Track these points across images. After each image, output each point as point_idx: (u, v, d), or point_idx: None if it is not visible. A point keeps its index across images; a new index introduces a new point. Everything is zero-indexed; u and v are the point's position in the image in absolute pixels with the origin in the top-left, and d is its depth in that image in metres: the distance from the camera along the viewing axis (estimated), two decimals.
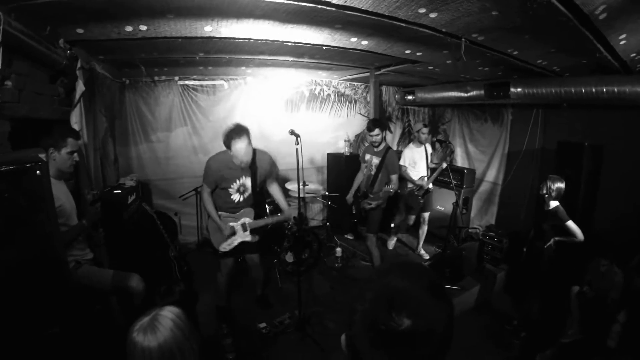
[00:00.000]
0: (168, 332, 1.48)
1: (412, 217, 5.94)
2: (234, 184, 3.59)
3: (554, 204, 3.80)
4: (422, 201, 5.52)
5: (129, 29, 3.01)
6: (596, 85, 4.13)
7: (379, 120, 4.90)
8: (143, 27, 2.99)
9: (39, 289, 1.70)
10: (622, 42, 2.99)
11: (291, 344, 3.75)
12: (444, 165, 5.30)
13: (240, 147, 3.27)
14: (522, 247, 4.28)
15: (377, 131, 4.56)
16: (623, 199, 4.66)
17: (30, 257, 1.67)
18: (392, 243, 6.29)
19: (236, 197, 3.67)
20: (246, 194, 3.70)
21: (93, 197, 3.27)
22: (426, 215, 5.84)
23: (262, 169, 3.70)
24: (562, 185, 3.79)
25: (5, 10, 2.13)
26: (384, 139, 4.71)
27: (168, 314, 1.55)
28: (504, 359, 3.65)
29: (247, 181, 3.63)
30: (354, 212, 5.00)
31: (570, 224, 3.69)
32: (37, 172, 1.65)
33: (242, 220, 3.71)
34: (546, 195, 3.81)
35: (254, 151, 3.48)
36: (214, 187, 3.63)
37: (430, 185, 5.60)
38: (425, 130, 5.52)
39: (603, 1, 2.18)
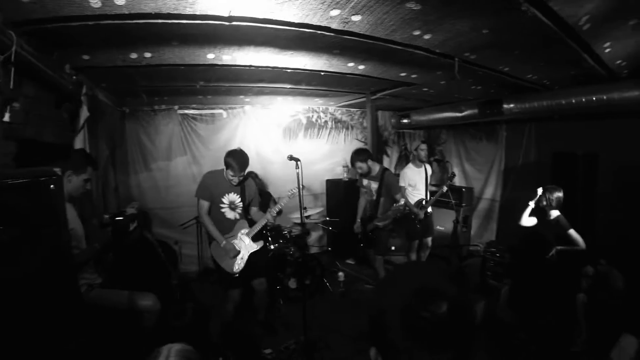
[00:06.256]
0: None
1: (416, 242, 5.60)
2: (224, 198, 3.71)
3: (555, 213, 3.84)
4: (419, 226, 5.27)
5: (134, 55, 3.10)
6: (586, 95, 4.26)
7: (360, 151, 4.77)
8: (148, 54, 3.09)
9: (53, 302, 1.68)
10: (607, 50, 3.12)
11: None
12: (444, 188, 5.20)
13: (236, 168, 3.52)
14: (523, 260, 4.28)
15: (358, 164, 4.58)
16: (622, 206, 4.68)
17: (43, 271, 1.65)
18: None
19: (230, 214, 3.77)
20: (238, 210, 3.81)
21: (105, 221, 3.27)
22: (429, 240, 5.58)
23: (250, 190, 3.89)
24: (560, 194, 3.84)
25: (17, 33, 2.21)
26: (370, 167, 4.66)
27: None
28: None
29: (236, 198, 3.77)
30: (359, 237, 4.95)
31: (572, 232, 3.73)
32: (52, 186, 1.64)
33: (239, 233, 3.78)
34: (546, 206, 3.85)
35: (247, 175, 3.74)
36: (210, 202, 3.70)
37: (429, 209, 5.41)
38: (423, 146, 5.49)
39: (586, 12, 2.30)
